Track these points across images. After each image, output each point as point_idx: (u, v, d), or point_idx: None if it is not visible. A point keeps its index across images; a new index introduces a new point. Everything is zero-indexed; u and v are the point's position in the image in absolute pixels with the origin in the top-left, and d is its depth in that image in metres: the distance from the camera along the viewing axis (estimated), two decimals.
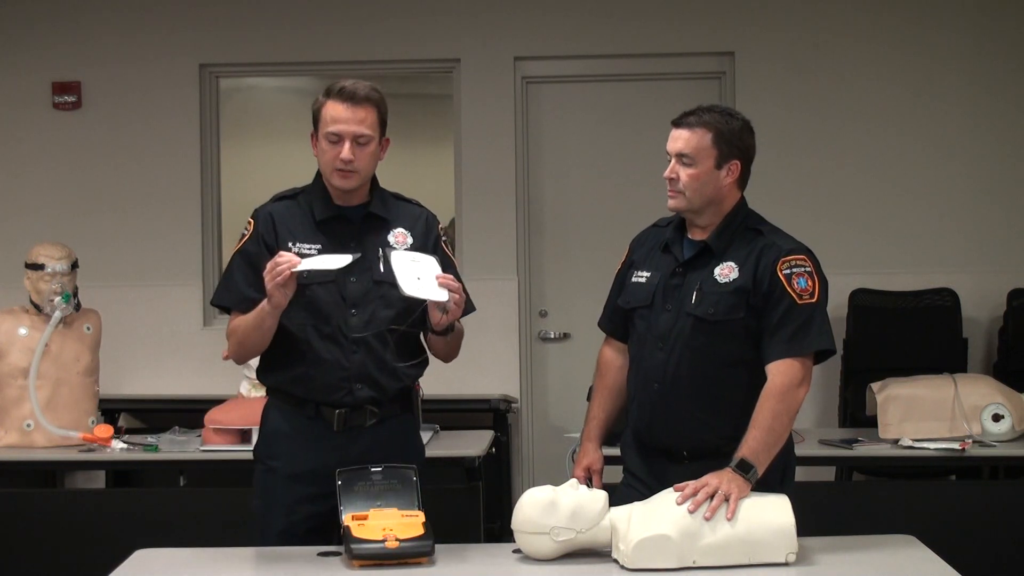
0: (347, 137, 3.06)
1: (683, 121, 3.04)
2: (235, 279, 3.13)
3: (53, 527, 4.49)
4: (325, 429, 3.10)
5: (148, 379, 6.20)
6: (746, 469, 2.82)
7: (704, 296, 2.99)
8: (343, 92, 3.08)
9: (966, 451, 4.31)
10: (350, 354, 3.08)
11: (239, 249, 3.15)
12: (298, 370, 3.10)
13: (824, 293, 3.00)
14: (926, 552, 2.88)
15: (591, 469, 3.17)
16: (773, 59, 6.18)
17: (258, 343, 3.09)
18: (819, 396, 5.99)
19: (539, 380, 6.35)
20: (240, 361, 3.21)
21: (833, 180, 6.18)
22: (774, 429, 2.89)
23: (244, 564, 2.98)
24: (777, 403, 2.90)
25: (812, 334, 2.95)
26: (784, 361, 2.93)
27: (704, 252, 3.05)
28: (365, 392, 3.09)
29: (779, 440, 2.91)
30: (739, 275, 2.99)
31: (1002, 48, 6.15)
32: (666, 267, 3.08)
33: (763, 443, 2.86)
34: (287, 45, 6.29)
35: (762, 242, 3.01)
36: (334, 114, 3.07)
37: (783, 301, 2.95)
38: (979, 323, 6.11)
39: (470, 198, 6.28)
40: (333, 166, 3.08)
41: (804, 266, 2.98)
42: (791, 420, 2.93)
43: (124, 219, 6.29)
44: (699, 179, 3.00)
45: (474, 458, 4.43)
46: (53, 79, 6.29)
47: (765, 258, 2.98)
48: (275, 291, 2.93)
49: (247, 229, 3.16)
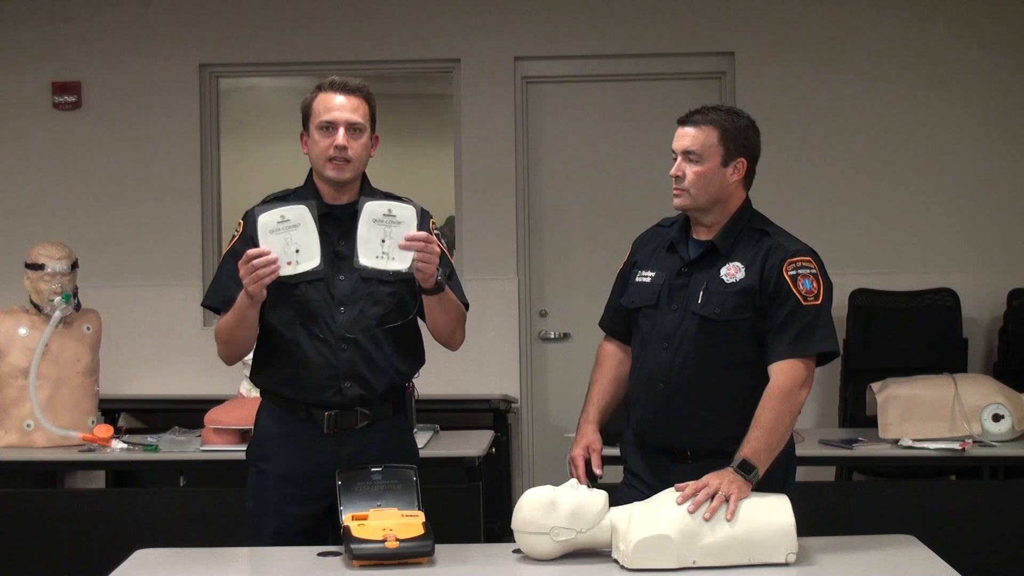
0: (341, 124, 3.07)
1: (689, 119, 3.05)
2: (223, 280, 3.12)
3: (53, 527, 4.49)
4: (315, 431, 3.10)
5: (148, 379, 6.20)
6: (748, 470, 2.82)
7: (711, 296, 2.99)
8: (334, 83, 3.10)
9: (966, 451, 4.31)
10: (339, 352, 3.08)
11: (228, 251, 3.15)
12: (287, 371, 3.10)
13: (829, 296, 3.00)
14: (926, 552, 2.88)
15: (590, 448, 3.13)
16: (773, 59, 6.18)
17: (244, 339, 3.08)
18: (819, 396, 5.99)
19: (539, 380, 6.35)
20: (230, 362, 3.18)
21: (833, 180, 6.18)
22: (776, 429, 2.88)
23: (244, 564, 2.99)
24: (780, 403, 2.90)
25: (816, 336, 2.95)
26: (787, 362, 2.93)
27: (710, 252, 3.05)
28: (354, 391, 3.08)
29: (781, 441, 2.91)
30: (745, 275, 2.99)
31: (1002, 48, 6.15)
32: (672, 267, 3.08)
33: (765, 443, 2.86)
34: (287, 45, 6.29)
35: (768, 243, 3.01)
36: (327, 103, 3.08)
37: (788, 302, 2.95)
38: (979, 323, 6.11)
39: (470, 198, 6.28)
40: (327, 156, 3.07)
41: (810, 268, 2.98)
42: (793, 421, 2.93)
43: (124, 219, 6.29)
44: (705, 177, 3.00)
45: (474, 458, 4.43)
46: (53, 79, 6.29)
47: (772, 259, 2.98)
48: (251, 286, 2.92)
49: (236, 231, 3.15)
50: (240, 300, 2.99)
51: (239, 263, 2.94)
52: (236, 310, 3.02)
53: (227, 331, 3.08)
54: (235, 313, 3.02)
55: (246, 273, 2.91)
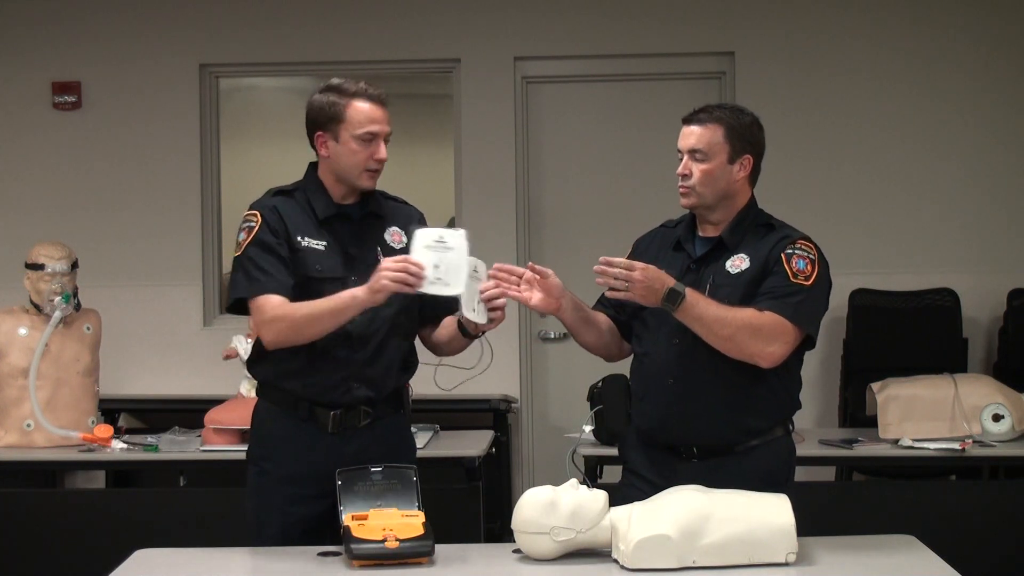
0: (382, 136, 3.09)
1: (694, 118, 3.05)
2: (264, 268, 3.04)
3: (53, 527, 4.49)
4: (319, 431, 3.09)
5: (148, 379, 6.20)
6: (674, 298, 2.84)
7: (717, 288, 2.99)
8: (369, 94, 3.09)
9: (966, 451, 4.31)
10: (352, 353, 3.08)
11: (253, 240, 3.07)
12: (295, 364, 3.07)
13: (822, 284, 2.99)
14: (926, 552, 2.88)
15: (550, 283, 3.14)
16: (773, 59, 6.18)
17: (323, 331, 3.00)
18: (819, 396, 5.98)
19: (539, 380, 6.34)
20: (283, 345, 3.05)
21: (833, 180, 6.17)
22: (719, 322, 2.87)
23: (244, 564, 2.99)
24: (745, 327, 2.87)
25: (799, 311, 2.93)
26: (773, 313, 2.91)
27: (717, 247, 3.05)
28: (363, 392, 3.09)
29: (712, 327, 2.87)
30: (750, 265, 2.99)
31: (1002, 48, 6.15)
32: (680, 264, 3.08)
33: (712, 307, 2.87)
34: (287, 45, 6.29)
35: (775, 236, 3.03)
36: (369, 114, 3.07)
37: (778, 275, 2.95)
38: (979, 323, 6.11)
39: (470, 198, 6.27)
40: (365, 166, 3.08)
41: (808, 252, 2.99)
42: (733, 345, 2.89)
43: (124, 219, 6.29)
44: (712, 174, 3.01)
45: (474, 458, 4.44)
46: (53, 79, 6.29)
47: (776, 248, 2.99)
48: (391, 284, 2.89)
49: (253, 221, 3.09)
50: (354, 294, 2.95)
51: (388, 259, 2.92)
52: (341, 301, 2.96)
53: (311, 317, 2.99)
54: (337, 304, 2.97)
55: (395, 270, 2.89)
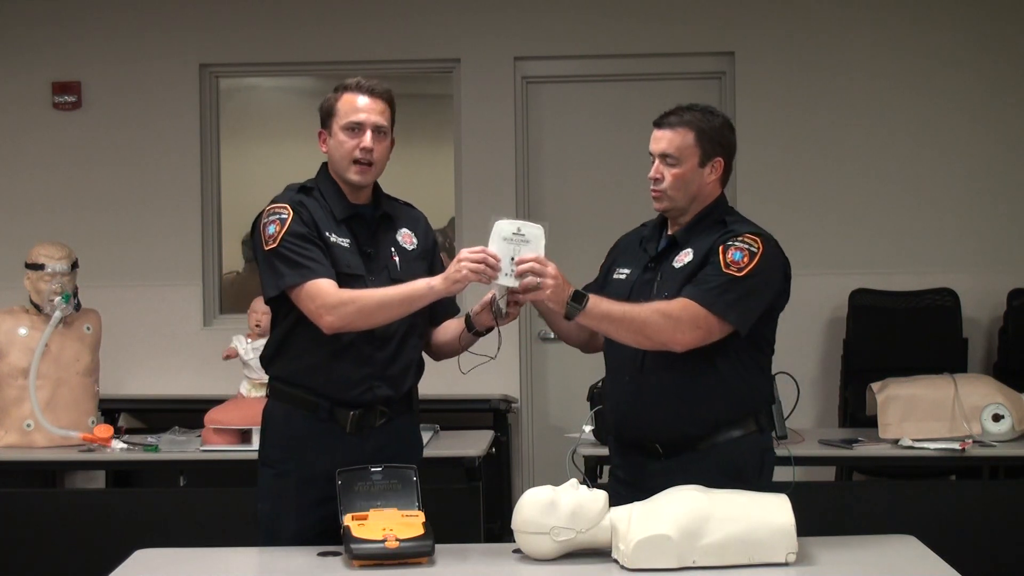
0: (368, 126, 3.05)
1: (664, 121, 3.04)
2: (309, 255, 2.99)
3: (53, 527, 4.49)
4: (339, 431, 3.08)
5: (148, 379, 6.20)
6: (579, 299, 2.85)
7: (662, 284, 3.00)
8: (361, 85, 3.08)
9: (966, 451, 4.31)
10: (376, 351, 3.07)
11: (288, 231, 2.99)
12: (316, 358, 3.05)
13: (758, 276, 2.92)
14: (926, 552, 2.88)
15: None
16: (773, 59, 6.18)
17: (390, 318, 2.99)
18: (819, 396, 5.99)
19: (539, 380, 6.35)
20: (345, 330, 2.98)
21: (833, 180, 6.17)
22: (625, 319, 2.86)
23: (244, 564, 2.99)
24: (654, 314, 2.86)
25: (720, 300, 2.89)
26: (686, 299, 2.89)
27: (672, 245, 3.06)
28: (383, 391, 3.09)
29: (621, 323, 2.87)
30: (692, 258, 2.98)
31: (1002, 48, 6.15)
32: (641, 262, 3.10)
33: (616, 305, 2.87)
34: (287, 45, 6.29)
35: (723, 230, 3.00)
36: (354, 104, 3.06)
37: (711, 265, 2.93)
38: (979, 323, 6.11)
39: (470, 198, 6.27)
40: (351, 157, 3.05)
41: (749, 245, 2.93)
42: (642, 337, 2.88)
43: (124, 219, 6.29)
44: (684, 179, 3.01)
45: (474, 458, 4.44)
46: (53, 79, 6.29)
47: (719, 241, 2.97)
48: (471, 275, 2.87)
49: (285, 213, 3.02)
50: (430, 284, 2.94)
51: (466, 249, 2.89)
52: (416, 290, 2.94)
53: (383, 303, 2.95)
54: (412, 291, 2.95)
55: (475, 260, 2.87)
